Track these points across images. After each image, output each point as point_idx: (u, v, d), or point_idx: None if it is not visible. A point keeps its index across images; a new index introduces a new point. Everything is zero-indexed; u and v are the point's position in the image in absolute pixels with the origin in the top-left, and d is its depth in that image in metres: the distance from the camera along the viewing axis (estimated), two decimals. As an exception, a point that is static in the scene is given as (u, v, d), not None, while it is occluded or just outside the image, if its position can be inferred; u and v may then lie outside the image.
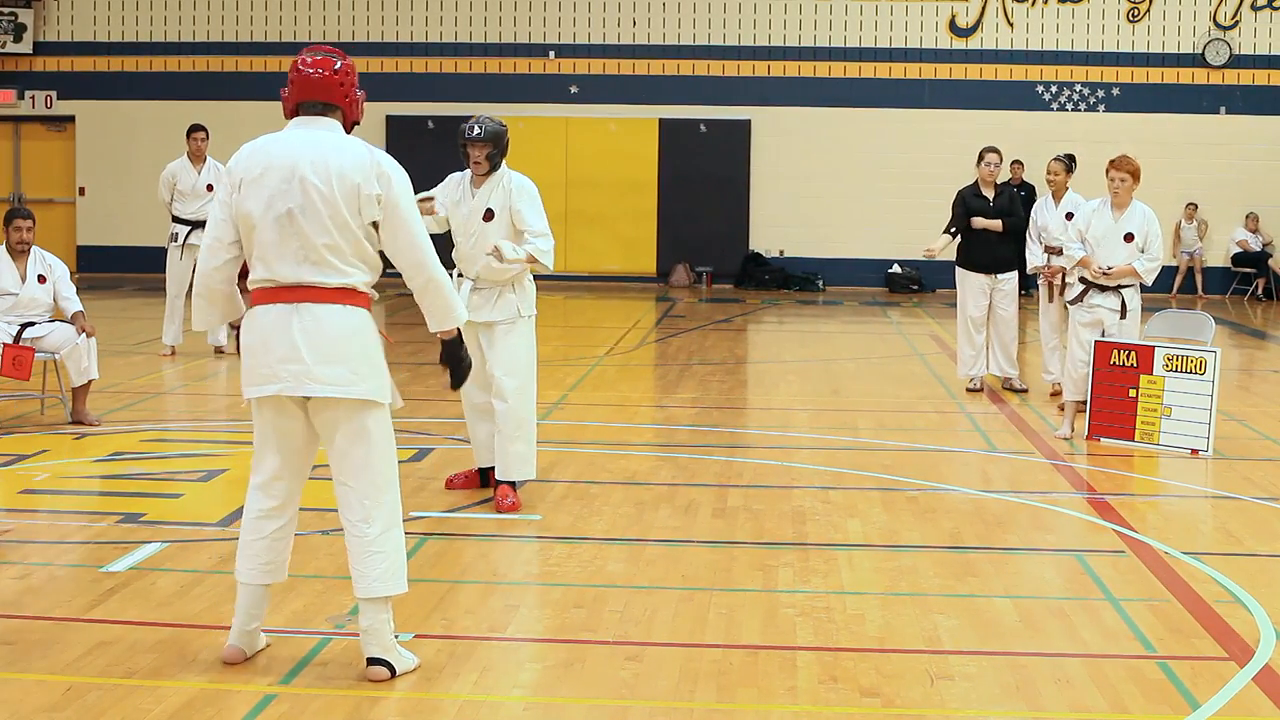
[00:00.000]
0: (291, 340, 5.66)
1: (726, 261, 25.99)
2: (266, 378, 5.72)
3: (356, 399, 5.73)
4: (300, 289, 5.69)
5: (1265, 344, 19.35)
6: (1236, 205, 25.43)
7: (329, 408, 5.73)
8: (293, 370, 5.67)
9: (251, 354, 5.77)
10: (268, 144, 5.82)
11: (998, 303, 13.77)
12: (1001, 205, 13.78)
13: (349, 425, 5.76)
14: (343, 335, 5.70)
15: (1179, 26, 25.62)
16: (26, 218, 11.54)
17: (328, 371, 5.66)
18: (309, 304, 5.69)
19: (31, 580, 7.19)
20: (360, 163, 5.73)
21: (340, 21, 26.23)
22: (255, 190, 5.73)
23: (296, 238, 5.68)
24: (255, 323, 5.77)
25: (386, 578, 5.80)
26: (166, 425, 11.75)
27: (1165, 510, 9.51)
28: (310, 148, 5.74)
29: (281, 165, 5.71)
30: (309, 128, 5.83)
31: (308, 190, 5.66)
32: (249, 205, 5.74)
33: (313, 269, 5.69)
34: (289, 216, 5.67)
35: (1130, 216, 11.41)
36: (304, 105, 5.86)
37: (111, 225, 26.36)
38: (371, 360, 5.77)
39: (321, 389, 5.68)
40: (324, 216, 5.67)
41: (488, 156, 8.63)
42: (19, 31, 26.48)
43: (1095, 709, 5.68)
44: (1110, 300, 11.45)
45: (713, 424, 11.97)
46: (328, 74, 5.83)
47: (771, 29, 25.94)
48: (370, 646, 5.83)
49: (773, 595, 7.11)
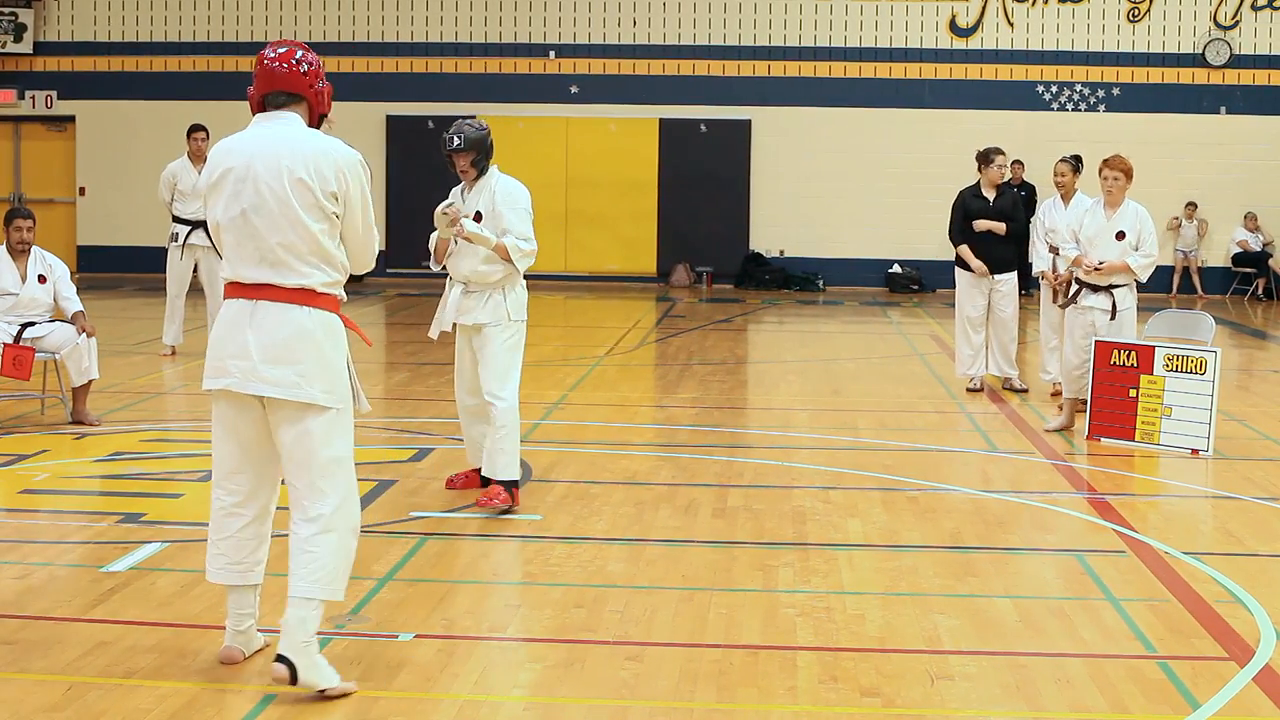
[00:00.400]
0: (244, 338, 5.62)
1: (727, 261, 25.99)
2: (219, 371, 5.69)
3: (301, 402, 5.64)
4: (259, 288, 5.64)
5: (1265, 344, 19.35)
6: (1236, 205, 25.43)
7: (278, 407, 5.66)
8: (241, 367, 5.63)
9: (212, 346, 5.75)
10: (229, 144, 5.78)
11: (996, 303, 13.77)
12: (1002, 206, 13.75)
13: (293, 426, 5.66)
14: (293, 336, 5.62)
15: (1179, 26, 25.62)
16: (27, 217, 11.54)
17: (274, 372, 5.60)
18: (265, 302, 5.63)
19: (32, 580, 7.19)
20: (316, 158, 5.66)
21: (340, 21, 26.23)
22: (216, 192, 5.71)
23: (252, 238, 5.63)
24: (220, 317, 5.76)
25: (310, 579, 5.65)
26: (167, 425, 11.75)
27: (1166, 510, 9.51)
28: (266, 145, 5.67)
29: (238, 165, 5.66)
30: (270, 123, 5.75)
31: (260, 189, 5.61)
32: (211, 207, 5.73)
33: (269, 269, 5.62)
34: (243, 217, 5.63)
35: (1122, 215, 11.45)
36: (269, 98, 5.79)
37: (112, 225, 26.36)
38: (325, 363, 5.66)
39: (267, 389, 5.62)
40: (277, 215, 5.60)
41: (473, 163, 8.62)
42: (19, 31, 26.48)
43: (1095, 709, 5.68)
44: (1102, 300, 11.48)
45: (713, 424, 11.97)
46: (291, 65, 5.78)
47: (772, 29, 25.94)
48: (281, 642, 5.64)
49: (773, 595, 7.11)
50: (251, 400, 5.70)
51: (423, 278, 22.77)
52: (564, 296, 23.79)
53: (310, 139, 5.73)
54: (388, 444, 10.67)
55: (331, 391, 5.67)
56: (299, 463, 5.68)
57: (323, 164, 5.66)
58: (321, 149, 5.69)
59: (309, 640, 5.62)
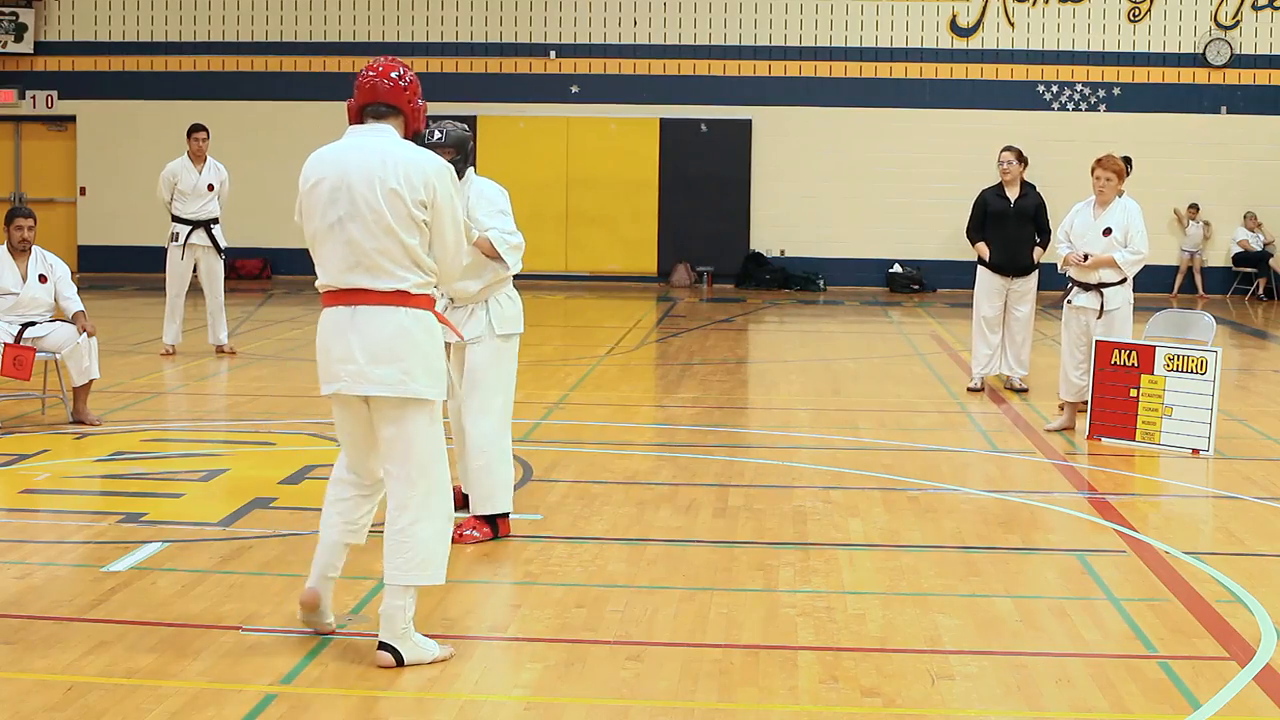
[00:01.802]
0: (348, 342, 5.91)
1: (727, 261, 25.99)
2: (331, 376, 6.00)
3: (404, 397, 5.92)
4: (355, 293, 5.91)
5: (1266, 344, 19.35)
6: (1237, 205, 25.44)
7: (382, 404, 5.96)
8: (349, 370, 5.93)
9: (319, 354, 6.06)
10: (324, 154, 6.05)
11: (1013, 303, 13.71)
12: (1023, 206, 13.66)
13: (396, 420, 5.96)
14: (394, 336, 5.89)
15: (1180, 26, 25.62)
16: (27, 217, 11.54)
17: (379, 372, 5.88)
18: (364, 307, 5.90)
19: (32, 580, 7.19)
20: (407, 167, 5.88)
21: (341, 22, 26.23)
22: (310, 201, 5.98)
23: (348, 245, 5.88)
24: (321, 324, 6.04)
25: (408, 567, 5.93)
26: (167, 425, 11.75)
27: (1166, 510, 9.51)
28: (361, 155, 5.93)
29: (332, 175, 5.92)
30: (364, 134, 6.02)
31: (355, 198, 5.86)
32: (307, 217, 6.01)
33: (366, 274, 5.89)
34: (339, 224, 5.89)
35: (1111, 212, 11.51)
36: (369, 109, 6.06)
37: (112, 225, 26.38)
38: (425, 358, 5.95)
39: (375, 389, 5.91)
40: (371, 223, 5.85)
41: (452, 161, 8.32)
42: (20, 31, 26.48)
43: (1096, 709, 5.67)
44: (1091, 300, 11.52)
45: (714, 424, 11.97)
46: (393, 80, 6.04)
47: (772, 29, 25.94)
48: (382, 631, 5.96)
49: (774, 595, 7.11)
50: (358, 402, 6.02)
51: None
52: (564, 296, 23.79)
53: (403, 149, 5.96)
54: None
55: (433, 385, 5.98)
56: (399, 455, 5.97)
57: (413, 173, 5.88)
58: (413, 159, 5.92)
59: (407, 625, 5.94)
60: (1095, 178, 11.56)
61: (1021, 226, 13.65)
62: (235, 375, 14.48)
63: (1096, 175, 11.55)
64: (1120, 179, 11.52)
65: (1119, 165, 11.51)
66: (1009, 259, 13.66)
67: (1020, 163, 13.78)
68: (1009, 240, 13.65)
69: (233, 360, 15.28)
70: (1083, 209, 11.73)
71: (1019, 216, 13.64)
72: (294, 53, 26.28)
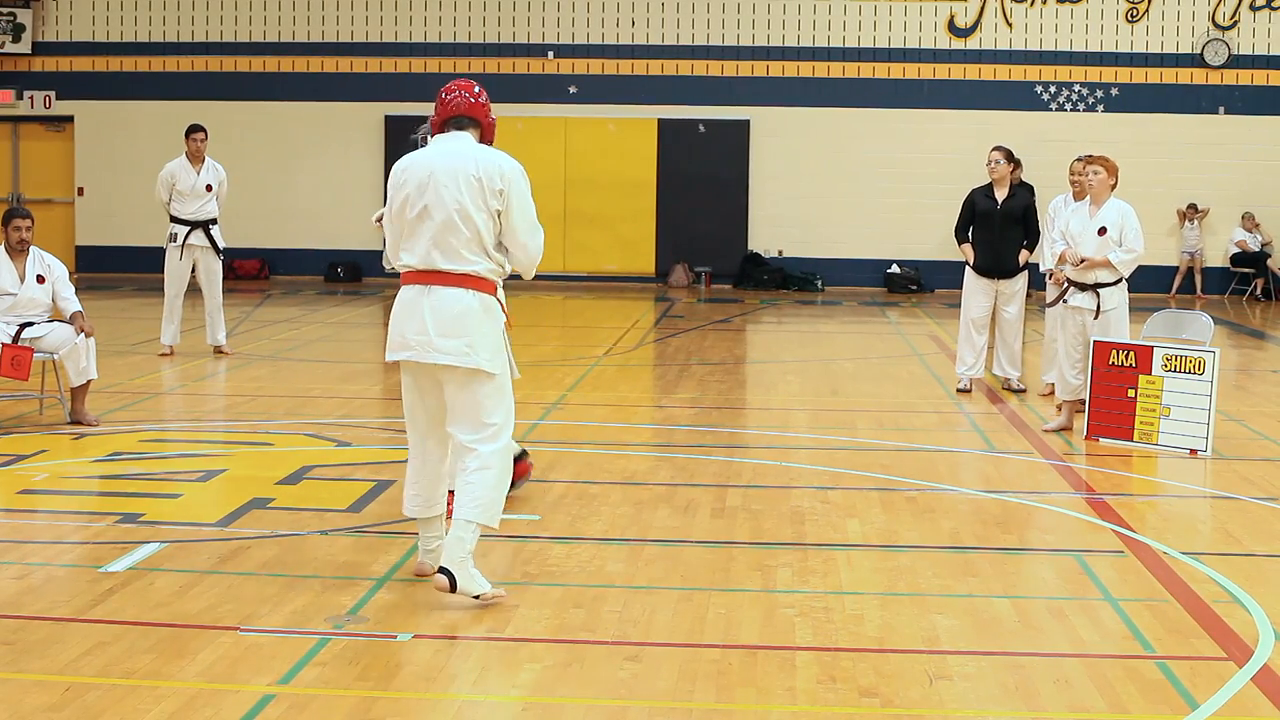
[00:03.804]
0: (421, 316, 6.77)
1: (725, 261, 25.99)
2: (401, 345, 6.84)
3: (470, 368, 6.73)
4: (433, 274, 6.78)
5: (1264, 344, 19.36)
6: (1235, 205, 25.44)
7: (451, 372, 6.78)
8: (420, 341, 6.77)
9: (392, 325, 6.91)
10: (414, 158, 6.93)
11: (1001, 305, 13.70)
12: (1011, 207, 13.64)
13: (464, 386, 6.79)
14: (462, 313, 6.74)
15: (1178, 27, 25.62)
16: (25, 217, 11.53)
17: (447, 343, 6.73)
18: (437, 286, 6.77)
19: (30, 580, 7.19)
20: (486, 162, 6.79)
21: (339, 22, 26.23)
22: (400, 195, 6.84)
23: (430, 230, 6.76)
24: (399, 299, 6.90)
25: (472, 505, 6.71)
26: (165, 425, 11.75)
27: (1164, 510, 9.52)
28: (445, 155, 6.83)
29: (420, 171, 6.82)
30: (449, 140, 6.93)
31: (439, 189, 6.74)
32: (396, 210, 6.85)
33: (442, 258, 6.75)
34: (425, 211, 6.76)
35: (1105, 212, 11.51)
36: (452, 121, 6.98)
37: (110, 225, 26.37)
38: (486, 335, 6.78)
39: (442, 358, 6.74)
40: (452, 211, 6.73)
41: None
42: (18, 31, 26.48)
43: (1094, 709, 5.68)
44: (1088, 300, 11.52)
45: (711, 424, 11.97)
46: (474, 96, 7.00)
47: (770, 29, 25.94)
48: (444, 557, 6.75)
49: (771, 595, 7.11)
50: (430, 368, 6.82)
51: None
52: (562, 296, 23.79)
53: (482, 149, 6.93)
54: (387, 444, 10.67)
55: (493, 360, 6.81)
56: (466, 417, 6.81)
57: (491, 167, 6.80)
58: (491, 155, 6.86)
59: (465, 556, 6.71)
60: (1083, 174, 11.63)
61: (1008, 227, 13.61)
62: (233, 376, 14.48)
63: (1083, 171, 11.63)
64: (1111, 174, 11.51)
65: (1108, 163, 11.53)
66: (995, 261, 13.62)
67: (1009, 163, 13.75)
68: (995, 241, 13.60)
69: (231, 361, 15.28)
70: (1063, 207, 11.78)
71: (1006, 217, 13.58)
72: (292, 53, 26.27)
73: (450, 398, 6.84)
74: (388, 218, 7.00)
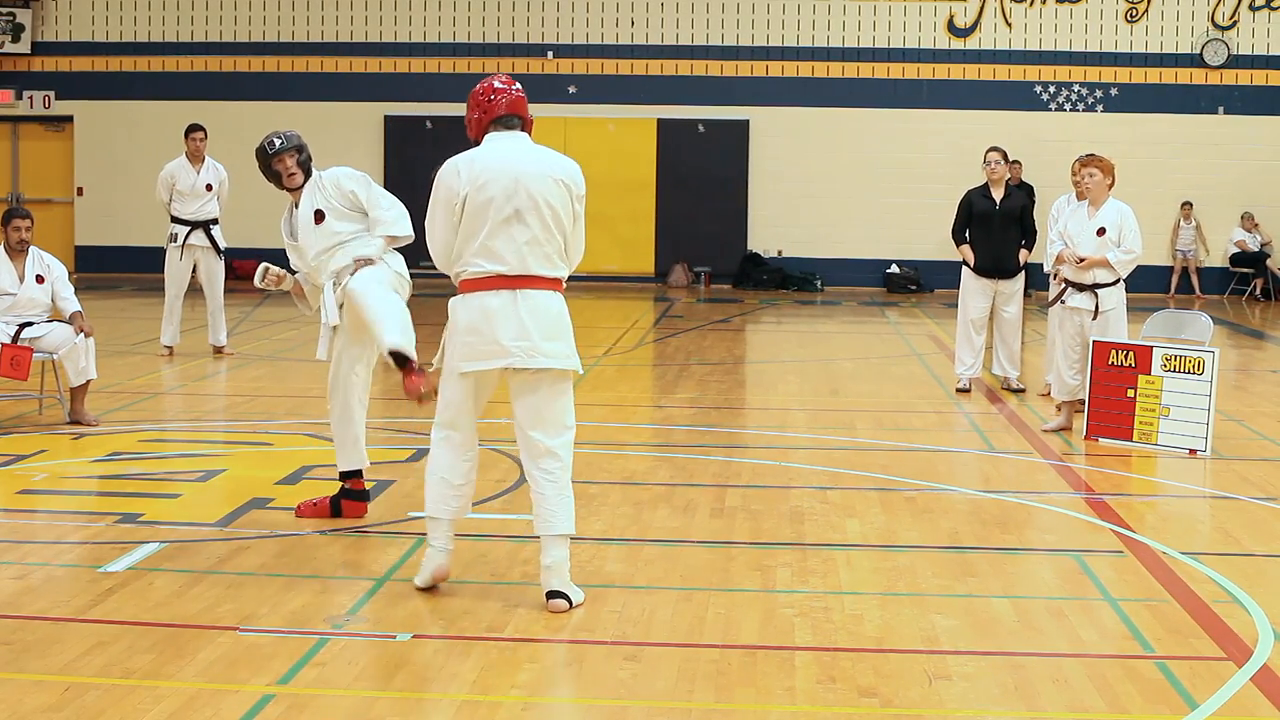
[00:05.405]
0: (520, 321, 6.67)
1: (725, 261, 25.99)
2: (494, 353, 6.69)
3: (565, 370, 6.82)
4: (522, 279, 6.69)
5: (1263, 344, 19.36)
6: (1234, 205, 25.44)
7: (541, 377, 6.78)
8: (523, 346, 6.67)
9: (466, 334, 6.71)
10: (479, 158, 6.71)
11: (1000, 305, 13.71)
12: (1009, 208, 13.64)
13: (553, 391, 6.83)
14: (559, 317, 6.81)
15: (1177, 27, 25.63)
16: (25, 217, 11.54)
17: (551, 346, 6.74)
18: (528, 290, 6.70)
19: (30, 580, 7.19)
20: (566, 166, 6.80)
21: (339, 22, 26.23)
22: (479, 200, 6.63)
23: (520, 235, 6.64)
24: (481, 305, 6.68)
25: (569, 517, 6.81)
26: (165, 425, 11.75)
27: (1163, 510, 9.52)
28: (524, 159, 6.70)
29: (502, 176, 6.64)
30: (514, 140, 6.79)
31: (532, 194, 6.64)
32: (471, 214, 6.65)
33: (535, 262, 6.70)
34: (516, 216, 6.64)
35: (1104, 213, 11.52)
36: (504, 120, 6.80)
37: (110, 225, 26.37)
38: (572, 338, 6.88)
39: (549, 361, 6.73)
40: (546, 216, 6.69)
41: (299, 164, 8.25)
42: (17, 31, 26.47)
43: (1093, 709, 5.68)
44: (1086, 301, 11.53)
45: (711, 424, 11.97)
46: (519, 94, 6.87)
47: (770, 29, 25.95)
48: (552, 581, 6.71)
49: (771, 595, 7.11)
50: (498, 373, 6.78)
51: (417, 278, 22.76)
52: (562, 296, 23.76)
53: (553, 152, 6.85)
54: (385, 444, 10.66)
55: (580, 362, 6.92)
56: (552, 421, 6.85)
57: (571, 171, 6.80)
58: (566, 160, 6.85)
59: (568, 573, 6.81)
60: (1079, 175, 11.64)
61: (1007, 228, 13.63)
62: (233, 376, 14.48)
63: (1080, 173, 11.63)
64: (1106, 174, 11.51)
65: (1104, 163, 11.53)
66: (994, 261, 13.63)
67: (1007, 163, 13.78)
68: (994, 242, 13.62)
69: (230, 361, 15.28)
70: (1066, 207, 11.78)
71: (1004, 218, 13.60)
72: (292, 53, 26.27)
73: (535, 402, 6.78)
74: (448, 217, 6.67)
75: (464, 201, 6.66)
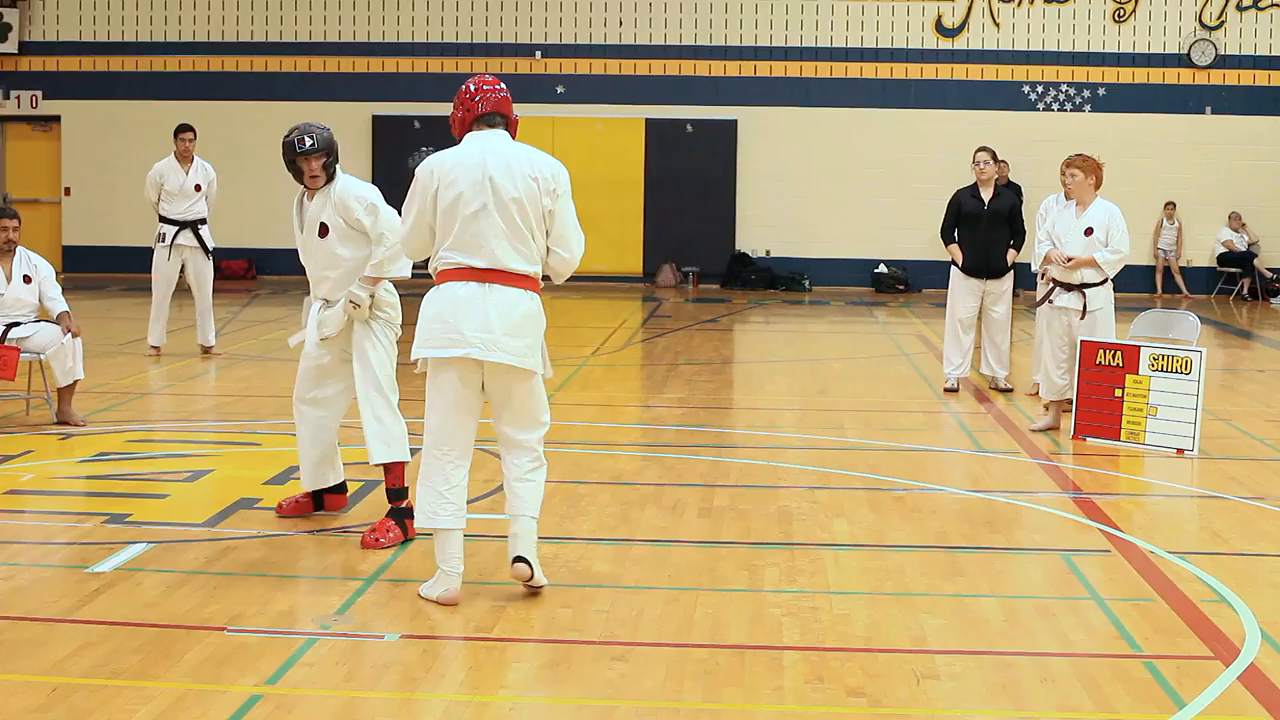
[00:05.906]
0: (485, 314, 6.66)
1: (713, 261, 26.00)
2: (455, 342, 6.69)
3: (526, 369, 6.78)
4: (491, 273, 6.70)
5: (1250, 344, 19.40)
6: (1222, 205, 25.50)
7: (506, 372, 6.77)
8: (484, 339, 6.67)
9: (438, 320, 6.72)
10: (452, 156, 6.79)
11: (989, 305, 13.72)
12: (998, 207, 13.65)
13: (520, 388, 6.84)
14: (526, 315, 6.75)
15: (1164, 27, 25.67)
16: (12, 217, 11.51)
17: (513, 343, 6.72)
18: (498, 285, 6.70)
19: (17, 581, 7.17)
20: (538, 161, 6.80)
21: (326, 21, 26.20)
22: (448, 195, 6.71)
23: (488, 230, 6.67)
24: (449, 296, 6.71)
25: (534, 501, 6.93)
26: (152, 426, 11.73)
27: (1151, 510, 9.53)
28: (495, 154, 6.76)
29: (473, 171, 6.71)
30: (490, 139, 6.84)
31: (497, 189, 6.68)
32: (445, 209, 6.72)
33: (505, 256, 6.69)
34: (483, 211, 6.68)
35: (1091, 213, 11.53)
36: (483, 119, 6.88)
37: (97, 225, 26.33)
38: (539, 337, 6.85)
39: (508, 358, 6.71)
40: (511, 211, 6.70)
41: (324, 167, 8.00)
42: (4, 31, 26.42)
43: (1081, 708, 5.69)
44: (1074, 301, 11.55)
45: (699, 424, 11.97)
46: (503, 93, 6.93)
47: (758, 29, 25.96)
48: (521, 547, 6.86)
49: (759, 595, 7.11)
50: (476, 367, 6.75)
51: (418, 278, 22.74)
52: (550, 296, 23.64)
53: (531, 148, 6.88)
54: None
55: (543, 362, 6.92)
56: (521, 416, 6.90)
57: (546, 167, 6.81)
58: (540, 155, 6.86)
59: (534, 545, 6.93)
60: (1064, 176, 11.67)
61: (995, 228, 13.64)
62: (221, 376, 14.46)
63: (1065, 173, 11.66)
64: (1086, 174, 11.52)
65: (1089, 163, 11.54)
66: (982, 261, 13.65)
67: (996, 163, 13.80)
68: (982, 242, 13.63)
69: (218, 361, 15.26)
70: (1054, 206, 11.81)
71: (993, 217, 13.62)
72: (280, 53, 26.24)
73: (505, 397, 6.84)
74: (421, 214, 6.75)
75: (434, 197, 6.74)
